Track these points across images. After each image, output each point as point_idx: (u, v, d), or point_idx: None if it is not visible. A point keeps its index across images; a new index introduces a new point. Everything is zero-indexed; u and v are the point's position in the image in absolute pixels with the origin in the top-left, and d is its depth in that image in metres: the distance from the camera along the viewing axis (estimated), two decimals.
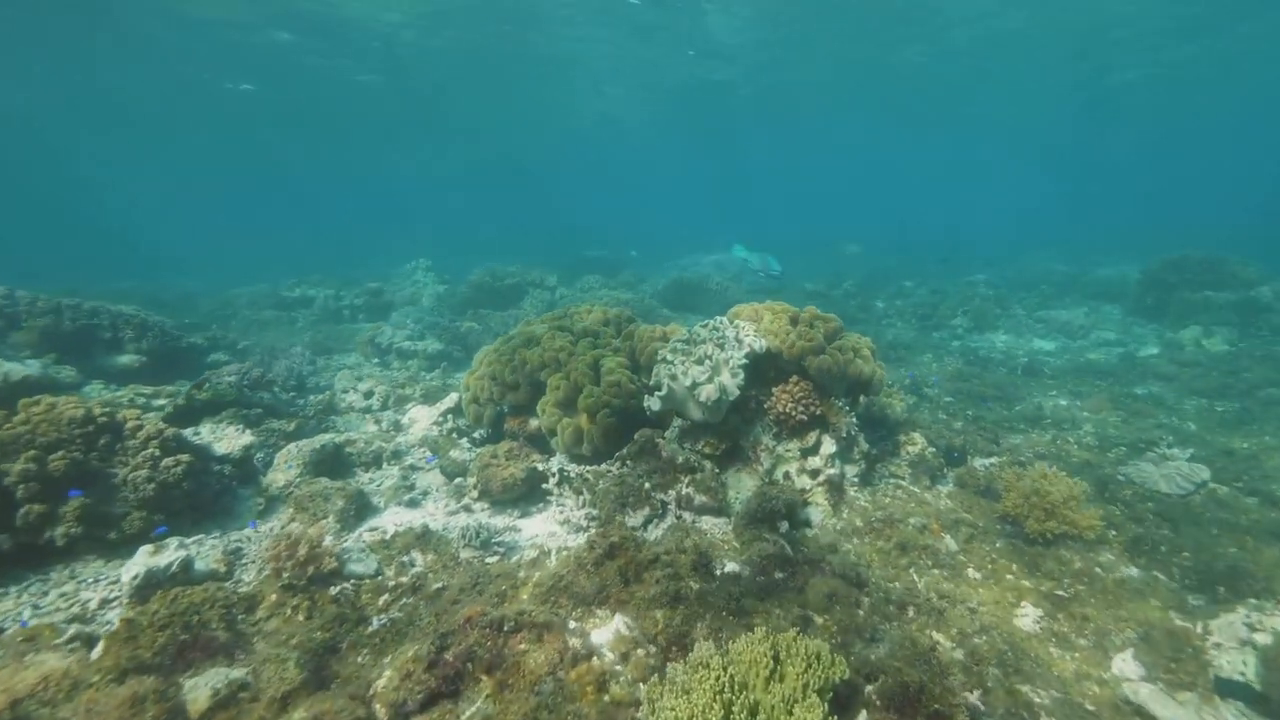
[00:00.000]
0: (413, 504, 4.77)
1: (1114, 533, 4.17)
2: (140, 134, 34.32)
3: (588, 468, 4.97)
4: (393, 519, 4.58)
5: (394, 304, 14.22)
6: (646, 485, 4.35)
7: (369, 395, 6.74)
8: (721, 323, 4.87)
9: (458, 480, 4.92)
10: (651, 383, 4.62)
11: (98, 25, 17.71)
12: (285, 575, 3.63)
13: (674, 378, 4.36)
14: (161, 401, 6.46)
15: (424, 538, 4.19)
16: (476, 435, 5.85)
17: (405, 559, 4.03)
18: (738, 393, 4.33)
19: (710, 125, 35.23)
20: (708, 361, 4.37)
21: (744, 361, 4.44)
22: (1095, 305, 14.92)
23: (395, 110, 30.35)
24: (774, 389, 4.68)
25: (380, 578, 3.86)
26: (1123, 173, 67.98)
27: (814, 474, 4.53)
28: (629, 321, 7.16)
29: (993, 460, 5.38)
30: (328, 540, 4.12)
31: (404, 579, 3.82)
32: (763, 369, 4.98)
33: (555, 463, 5.12)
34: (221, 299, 15.12)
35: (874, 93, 26.94)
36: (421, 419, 6.21)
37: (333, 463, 5.25)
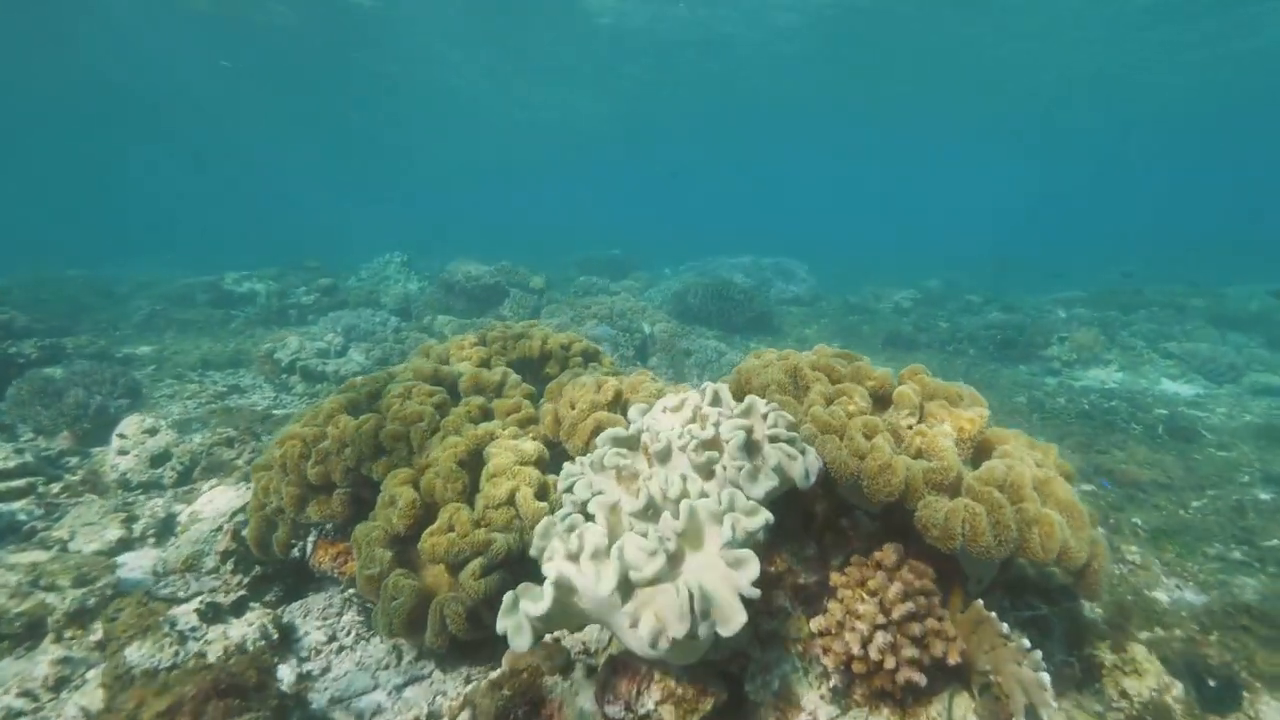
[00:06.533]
0: None
1: None
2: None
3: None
4: None
5: (348, 303, 11.77)
6: None
7: (159, 459, 4.17)
8: (715, 399, 2.12)
9: None
10: (533, 549, 1.91)
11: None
12: None
13: (574, 557, 1.65)
14: None
15: None
16: (297, 556, 3.24)
17: None
18: (744, 618, 1.60)
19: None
20: (667, 522, 1.66)
21: (760, 525, 1.70)
22: (1221, 333, 11.72)
23: (405, 99, 28.40)
24: (834, 575, 1.95)
25: None
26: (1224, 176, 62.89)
27: None
28: (589, 358, 4.48)
29: None
30: None
31: None
32: (803, 497, 2.25)
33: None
34: (158, 293, 12.84)
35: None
36: (210, 513, 3.61)
37: None
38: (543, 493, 2.69)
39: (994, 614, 1.91)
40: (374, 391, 3.13)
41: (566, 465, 2.04)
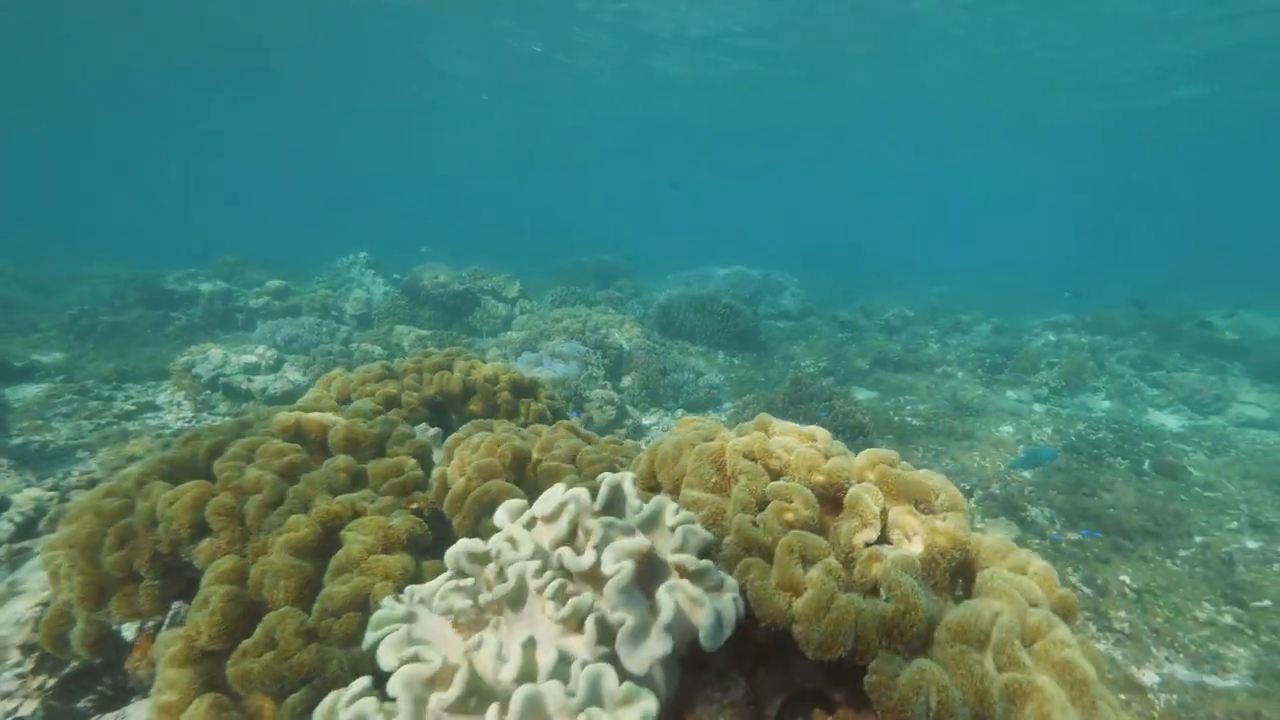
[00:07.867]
0: None
1: None
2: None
3: None
4: None
5: (302, 308, 11.07)
6: None
7: None
8: (611, 501, 1.56)
9: None
10: None
11: None
12: None
13: None
14: None
15: None
16: (128, 638, 2.63)
17: None
18: None
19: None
20: None
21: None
22: (1211, 362, 11.41)
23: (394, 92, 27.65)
24: None
25: None
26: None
27: None
28: (521, 393, 3.93)
29: None
30: None
31: None
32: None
33: None
34: (87, 290, 11.99)
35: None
36: (36, 584, 2.98)
37: None
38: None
39: None
40: (216, 447, 2.52)
41: (386, 603, 1.46)
